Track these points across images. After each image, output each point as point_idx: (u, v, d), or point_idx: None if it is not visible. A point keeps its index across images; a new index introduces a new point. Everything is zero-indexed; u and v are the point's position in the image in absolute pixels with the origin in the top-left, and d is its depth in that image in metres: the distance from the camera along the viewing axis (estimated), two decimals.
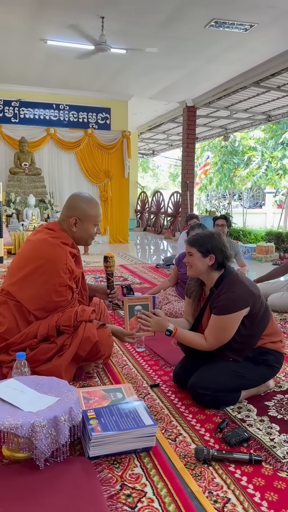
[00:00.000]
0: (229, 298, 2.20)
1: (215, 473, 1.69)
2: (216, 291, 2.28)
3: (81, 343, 2.35)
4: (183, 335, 2.29)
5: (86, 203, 2.53)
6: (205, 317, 2.37)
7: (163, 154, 19.71)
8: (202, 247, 2.28)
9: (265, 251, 8.17)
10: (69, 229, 2.52)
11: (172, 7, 5.53)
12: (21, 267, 2.44)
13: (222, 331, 2.21)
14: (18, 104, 9.60)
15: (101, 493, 1.54)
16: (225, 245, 2.33)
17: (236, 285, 2.24)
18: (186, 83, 8.95)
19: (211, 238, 2.31)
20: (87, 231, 2.54)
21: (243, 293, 2.22)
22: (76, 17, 5.92)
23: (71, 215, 2.51)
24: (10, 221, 8.63)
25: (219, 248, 2.28)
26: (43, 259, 2.39)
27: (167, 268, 6.69)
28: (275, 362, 2.34)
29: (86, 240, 2.59)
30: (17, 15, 5.88)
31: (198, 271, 2.32)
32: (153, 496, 1.54)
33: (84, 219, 2.51)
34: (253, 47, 6.87)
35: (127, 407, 1.89)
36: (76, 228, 2.51)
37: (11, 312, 2.41)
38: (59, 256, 2.40)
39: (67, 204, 2.57)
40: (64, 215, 2.55)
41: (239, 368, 2.24)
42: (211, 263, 2.28)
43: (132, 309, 2.33)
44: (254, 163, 16.03)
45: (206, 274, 2.32)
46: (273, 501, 1.54)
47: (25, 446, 1.64)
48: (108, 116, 10.28)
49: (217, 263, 2.28)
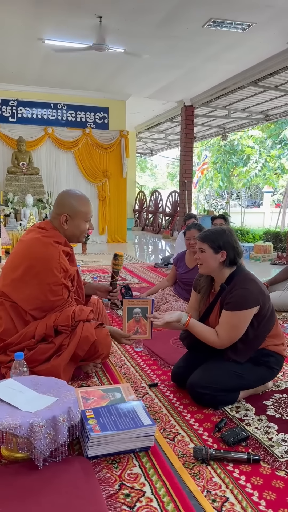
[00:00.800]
0: (242, 294, 2.19)
1: (214, 473, 1.70)
2: (227, 287, 2.27)
3: (79, 342, 2.34)
4: (196, 326, 2.28)
5: (76, 200, 2.51)
6: (213, 314, 2.36)
7: (161, 154, 19.71)
8: (214, 243, 2.26)
9: (263, 251, 8.19)
10: (60, 227, 2.49)
11: (170, 7, 5.53)
12: (15, 268, 2.42)
13: (235, 328, 2.20)
14: (16, 104, 9.58)
15: (100, 492, 1.54)
16: (237, 242, 2.31)
17: (249, 283, 2.24)
18: (184, 82, 8.95)
19: (222, 234, 2.29)
20: (78, 227, 2.51)
21: (256, 291, 2.22)
22: (74, 16, 5.91)
23: (61, 213, 2.48)
24: (8, 221, 8.62)
25: (230, 244, 2.27)
26: (35, 259, 2.37)
27: (165, 268, 6.70)
28: (275, 364, 2.34)
29: (78, 237, 2.56)
30: (15, 14, 5.87)
31: (209, 268, 2.30)
32: (151, 496, 1.55)
33: (74, 216, 2.48)
34: (251, 47, 6.88)
35: (126, 407, 1.89)
36: (67, 226, 2.48)
37: (7, 313, 2.40)
38: (52, 255, 2.38)
39: (56, 202, 2.55)
40: (54, 213, 2.52)
41: (239, 369, 2.24)
42: (222, 260, 2.26)
43: (131, 311, 2.34)
44: (252, 162, 16.05)
45: (218, 271, 2.30)
46: (271, 500, 1.55)
47: (23, 446, 1.64)
48: (106, 115, 10.27)
49: (228, 260, 2.27)
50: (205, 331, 2.28)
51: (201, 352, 2.35)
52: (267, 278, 5.51)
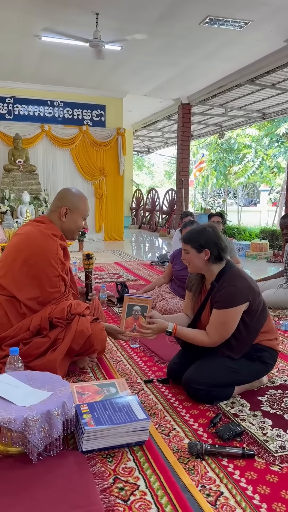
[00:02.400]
0: (230, 292, 2.20)
1: (208, 467, 1.70)
2: (217, 285, 2.28)
3: (74, 337, 2.35)
4: (184, 333, 2.30)
5: (76, 196, 2.59)
6: (205, 312, 2.37)
7: (158, 152, 19.70)
8: (195, 243, 2.29)
9: (259, 249, 8.20)
10: (58, 219, 2.54)
11: (167, 4, 5.52)
12: (12, 259, 2.42)
13: (224, 326, 2.21)
14: (12, 101, 9.55)
15: (94, 486, 1.54)
16: (219, 237, 2.32)
17: (237, 280, 2.25)
18: (181, 80, 8.95)
19: (203, 232, 2.31)
20: (75, 222, 2.57)
21: (244, 287, 2.23)
22: (70, 13, 5.90)
23: (61, 205, 2.54)
24: (4, 218, 8.58)
25: (212, 241, 2.28)
26: (34, 250, 2.39)
27: (161, 265, 6.70)
28: (269, 359, 2.35)
29: (73, 232, 2.60)
30: (11, 10, 5.85)
31: (196, 267, 2.32)
32: (146, 489, 1.55)
33: (74, 210, 2.54)
34: (247, 45, 6.88)
35: (121, 401, 1.89)
36: (65, 219, 2.54)
37: (1, 307, 2.40)
38: (50, 246, 2.41)
39: (57, 197, 2.61)
40: (54, 206, 2.57)
41: (234, 364, 2.25)
42: (207, 258, 2.28)
43: (130, 308, 2.33)
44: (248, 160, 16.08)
45: (206, 269, 2.32)
46: (265, 494, 1.55)
47: (18, 440, 1.64)
48: (103, 113, 10.25)
49: (213, 256, 2.28)
50: (194, 335, 2.29)
51: (196, 348, 2.35)
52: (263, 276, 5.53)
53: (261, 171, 16.24)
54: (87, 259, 2.86)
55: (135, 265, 6.91)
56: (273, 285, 4.35)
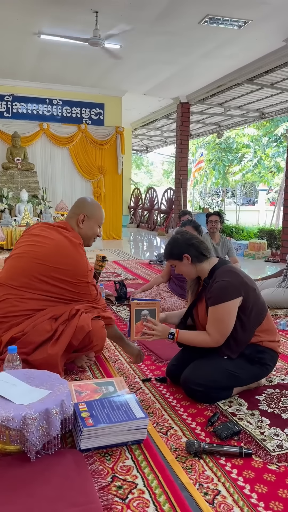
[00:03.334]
0: (220, 286, 2.22)
1: (206, 466, 1.70)
2: (209, 281, 2.30)
3: (75, 332, 2.36)
4: (186, 336, 2.30)
5: (93, 204, 2.72)
6: (201, 308, 2.37)
7: (157, 151, 19.70)
8: (173, 255, 2.36)
9: (257, 248, 8.22)
10: (76, 226, 2.64)
11: (166, 2, 5.51)
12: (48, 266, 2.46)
13: (221, 322, 2.21)
14: (11, 99, 9.53)
15: (92, 484, 1.54)
16: (190, 238, 2.36)
17: (228, 275, 2.26)
18: (180, 79, 8.94)
19: (174, 242, 2.38)
20: (92, 229, 2.66)
21: (236, 282, 2.23)
22: (70, 11, 5.89)
23: (80, 212, 2.63)
24: (2, 216, 8.58)
25: (185, 246, 2.33)
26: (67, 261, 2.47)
27: (160, 264, 6.71)
28: (270, 361, 2.35)
29: (89, 239, 2.69)
30: (11, 8, 5.84)
31: (188, 274, 2.38)
32: (144, 488, 1.55)
33: (91, 217, 2.64)
34: (247, 44, 6.88)
35: (119, 400, 1.89)
36: (83, 225, 2.63)
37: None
38: (81, 258, 2.53)
39: (75, 204, 2.72)
40: (72, 212, 2.67)
41: (234, 367, 2.24)
42: (189, 262, 2.32)
43: (139, 313, 2.31)
44: (247, 160, 16.09)
45: (196, 271, 2.36)
46: (262, 493, 1.56)
47: (16, 439, 1.64)
48: (101, 111, 10.24)
49: (194, 257, 2.32)
50: (195, 336, 2.30)
51: (195, 349, 2.35)
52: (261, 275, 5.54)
53: (259, 170, 16.24)
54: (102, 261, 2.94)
55: (133, 264, 6.91)
56: (271, 285, 4.36)
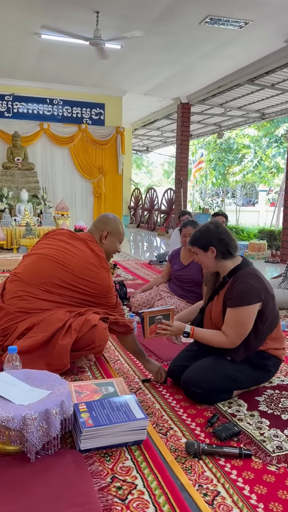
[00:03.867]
0: (243, 289, 2.17)
1: (205, 467, 1.70)
2: (229, 280, 2.26)
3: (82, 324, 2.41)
4: (201, 334, 2.29)
5: (116, 221, 2.79)
6: (216, 305, 2.33)
7: (157, 151, 19.70)
8: (200, 243, 2.29)
9: (257, 249, 8.22)
10: (99, 241, 2.71)
11: (167, 3, 5.52)
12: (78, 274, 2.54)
13: (242, 325, 2.17)
14: (11, 98, 9.54)
15: (92, 485, 1.54)
16: (223, 232, 2.29)
17: (251, 278, 2.21)
18: (180, 79, 8.94)
19: (206, 231, 2.30)
20: (113, 245, 2.75)
21: (259, 287, 2.19)
22: (71, 11, 5.89)
23: (103, 228, 2.71)
24: (2, 216, 8.59)
25: (216, 238, 2.26)
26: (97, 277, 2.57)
27: (160, 265, 6.71)
28: (272, 367, 2.34)
29: (110, 254, 2.76)
30: (11, 8, 5.84)
31: (208, 266, 2.33)
32: (143, 489, 1.55)
33: (114, 234, 2.73)
34: (247, 45, 6.88)
35: (119, 400, 1.89)
36: (105, 241, 2.71)
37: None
38: (108, 272, 2.62)
39: (99, 220, 2.79)
40: (96, 227, 2.75)
41: (235, 371, 2.22)
42: (214, 255, 2.26)
43: (152, 319, 2.31)
44: (247, 160, 16.10)
45: (218, 266, 2.31)
46: (262, 494, 1.56)
47: (16, 439, 1.64)
48: (102, 111, 10.25)
49: (220, 253, 2.26)
50: (211, 336, 2.26)
51: (200, 349, 2.35)
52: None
53: (259, 171, 16.25)
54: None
55: (133, 264, 6.91)
56: (271, 285, 4.36)
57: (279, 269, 6.94)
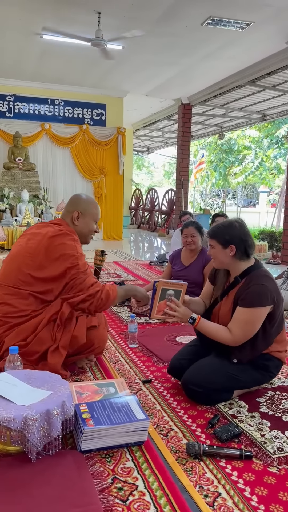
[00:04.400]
0: (259, 290, 2.15)
1: (206, 468, 1.70)
2: (241, 280, 2.24)
3: (70, 342, 2.36)
4: (207, 325, 2.25)
5: (87, 200, 2.69)
6: (225, 304, 2.32)
7: (158, 152, 19.71)
8: (221, 238, 2.23)
9: (258, 250, 8.22)
10: (71, 223, 2.61)
11: (169, 4, 5.52)
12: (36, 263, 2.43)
13: (250, 325, 2.16)
14: (12, 99, 9.54)
15: (93, 486, 1.54)
16: (247, 233, 2.26)
17: (266, 280, 2.20)
18: (181, 80, 8.95)
19: (230, 228, 2.25)
20: (87, 225, 2.63)
21: (272, 289, 2.18)
22: (72, 12, 5.89)
23: (73, 210, 2.61)
24: (3, 216, 8.60)
25: (239, 237, 2.22)
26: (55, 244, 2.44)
27: (160, 266, 6.71)
28: (274, 369, 2.34)
29: (86, 235, 2.67)
30: (13, 8, 5.84)
31: (221, 262, 2.28)
32: (144, 490, 1.55)
33: (85, 214, 2.62)
34: (249, 46, 6.88)
35: (120, 401, 1.89)
36: (78, 222, 2.61)
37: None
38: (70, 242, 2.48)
39: (69, 202, 2.69)
40: (66, 210, 2.65)
41: (235, 370, 2.22)
42: (232, 254, 2.22)
43: (164, 292, 2.27)
44: (248, 161, 16.11)
45: (231, 265, 2.27)
46: (263, 496, 1.56)
47: (17, 439, 1.64)
48: (103, 112, 10.25)
49: (239, 253, 2.23)
50: (216, 329, 2.23)
51: (203, 346, 2.34)
52: None
53: (260, 172, 16.26)
54: (101, 255, 2.94)
55: (134, 264, 6.91)
56: None
57: (279, 270, 6.94)
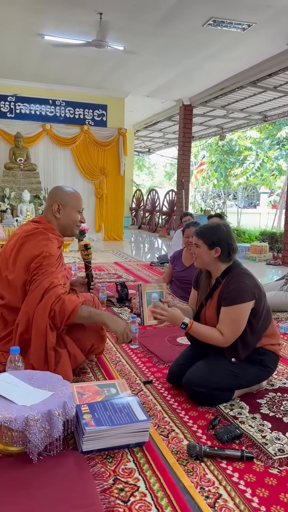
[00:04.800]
0: (238, 287, 2.21)
1: (207, 469, 1.70)
2: (222, 281, 2.29)
3: (70, 360, 2.34)
4: (199, 329, 2.28)
5: (66, 192, 2.57)
6: (210, 307, 2.36)
7: (159, 152, 19.71)
8: (208, 239, 2.29)
9: (259, 251, 8.21)
10: (53, 217, 2.52)
11: (171, 5, 5.52)
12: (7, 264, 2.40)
13: (236, 323, 2.20)
14: (14, 99, 9.55)
15: (94, 486, 1.54)
16: (232, 237, 2.32)
17: (245, 277, 2.27)
18: (183, 81, 8.95)
19: (218, 230, 2.31)
20: (70, 216, 2.52)
21: (252, 285, 2.24)
22: (74, 13, 5.90)
23: (53, 203, 2.51)
24: (4, 217, 8.60)
25: (225, 241, 2.28)
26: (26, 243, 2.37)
27: (161, 266, 6.70)
28: (270, 363, 2.36)
29: (71, 227, 2.56)
30: (15, 9, 5.85)
31: (204, 262, 2.33)
32: (145, 491, 1.55)
33: (66, 205, 2.51)
34: (250, 47, 6.89)
35: (121, 402, 1.89)
36: (59, 215, 2.50)
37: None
38: (41, 240, 2.38)
39: (48, 195, 2.61)
40: (47, 205, 2.56)
41: (235, 368, 2.24)
42: (216, 255, 2.28)
43: (149, 296, 2.29)
44: (249, 162, 16.12)
45: (213, 266, 2.33)
46: (264, 497, 1.56)
47: (18, 440, 1.64)
48: (104, 113, 10.26)
49: (223, 255, 2.29)
50: (208, 332, 2.26)
51: (199, 349, 2.35)
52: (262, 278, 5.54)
53: (261, 173, 16.27)
54: (85, 250, 2.87)
55: (135, 265, 6.91)
56: (273, 288, 4.36)
57: (280, 272, 6.94)
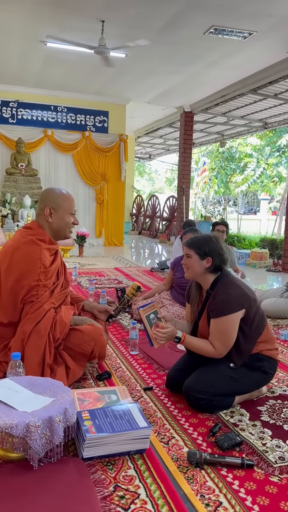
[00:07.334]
0: (224, 300, 2.23)
1: (207, 477, 1.70)
2: (212, 292, 2.32)
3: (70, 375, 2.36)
4: (191, 342, 2.31)
5: (57, 193, 2.52)
6: (202, 320, 2.39)
7: (160, 159, 19.77)
8: (199, 250, 2.32)
9: (259, 257, 8.22)
10: (45, 221, 2.47)
11: (172, 13, 5.57)
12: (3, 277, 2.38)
13: (225, 335, 2.22)
14: (16, 105, 9.59)
15: (95, 493, 1.54)
16: (223, 249, 2.36)
17: (230, 287, 2.28)
18: (184, 88, 9.00)
19: (209, 241, 2.34)
20: (63, 219, 2.48)
21: (238, 295, 2.25)
22: (76, 20, 5.94)
23: (44, 206, 2.47)
24: (5, 222, 8.61)
25: (216, 252, 2.32)
26: (15, 258, 2.34)
27: (161, 272, 6.71)
28: (269, 369, 2.37)
29: (64, 230, 2.52)
30: (17, 16, 5.89)
31: (194, 273, 2.35)
32: (146, 498, 1.55)
33: (57, 208, 2.46)
34: (251, 55, 6.93)
35: (122, 408, 1.89)
36: (52, 219, 2.46)
37: None
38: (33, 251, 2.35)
39: (40, 198, 2.55)
40: (38, 209, 2.52)
41: (235, 374, 2.26)
42: (207, 266, 2.31)
43: (149, 319, 2.33)
44: (249, 169, 16.16)
45: (203, 277, 2.36)
46: (264, 505, 1.55)
47: (19, 446, 1.64)
48: (106, 119, 10.30)
49: (213, 266, 2.32)
50: (200, 345, 2.30)
51: (197, 355, 2.36)
52: (262, 285, 5.54)
53: (261, 180, 16.32)
54: (136, 291, 2.96)
55: (135, 271, 6.92)
56: (273, 295, 4.37)
57: (280, 278, 6.95)
